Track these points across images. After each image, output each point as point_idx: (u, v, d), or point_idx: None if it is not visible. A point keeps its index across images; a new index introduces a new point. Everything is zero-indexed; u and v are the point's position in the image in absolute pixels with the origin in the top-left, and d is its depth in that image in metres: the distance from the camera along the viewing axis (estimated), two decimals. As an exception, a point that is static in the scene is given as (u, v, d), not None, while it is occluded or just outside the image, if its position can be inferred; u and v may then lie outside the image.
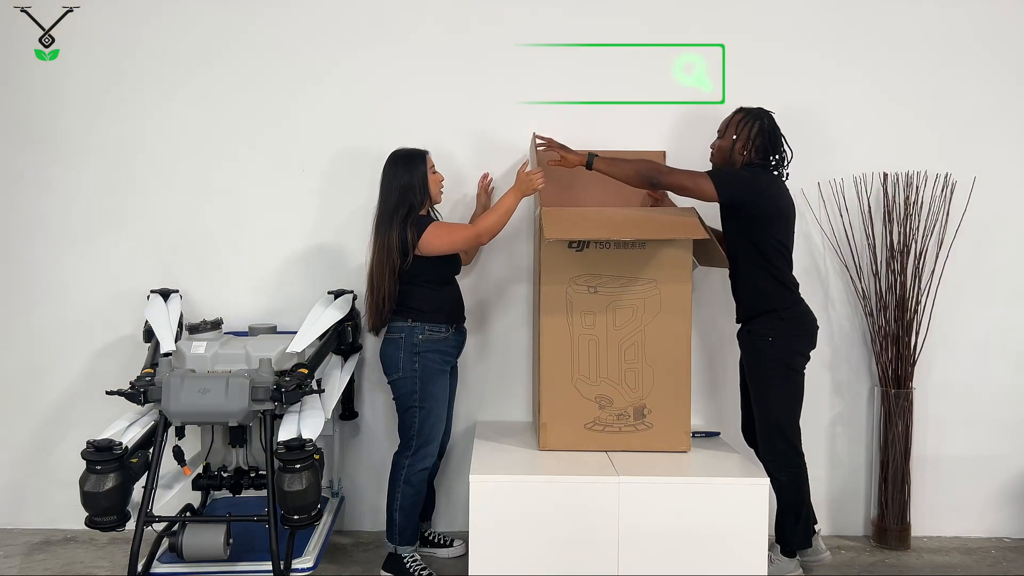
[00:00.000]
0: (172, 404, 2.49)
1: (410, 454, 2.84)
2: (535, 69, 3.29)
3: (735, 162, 2.83)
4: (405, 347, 2.80)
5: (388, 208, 2.80)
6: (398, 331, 2.82)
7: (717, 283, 3.33)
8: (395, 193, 2.79)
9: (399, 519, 2.84)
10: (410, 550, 2.88)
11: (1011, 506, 3.37)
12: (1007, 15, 3.30)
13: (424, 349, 2.80)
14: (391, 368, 2.83)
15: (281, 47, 3.30)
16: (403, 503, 2.83)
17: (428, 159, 2.87)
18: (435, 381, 2.83)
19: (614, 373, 2.82)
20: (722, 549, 2.58)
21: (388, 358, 2.84)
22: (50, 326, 3.35)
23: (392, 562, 2.87)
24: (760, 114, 2.84)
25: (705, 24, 3.29)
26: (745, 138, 2.81)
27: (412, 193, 2.79)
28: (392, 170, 2.84)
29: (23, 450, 3.37)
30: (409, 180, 2.80)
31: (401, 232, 2.74)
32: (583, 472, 2.62)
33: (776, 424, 2.78)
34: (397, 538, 2.85)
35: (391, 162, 2.85)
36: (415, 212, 2.79)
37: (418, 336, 2.80)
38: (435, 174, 2.90)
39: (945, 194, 3.26)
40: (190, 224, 3.33)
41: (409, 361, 2.80)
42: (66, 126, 3.32)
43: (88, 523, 2.43)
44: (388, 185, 2.82)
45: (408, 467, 2.84)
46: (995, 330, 3.35)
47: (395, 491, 2.85)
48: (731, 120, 2.87)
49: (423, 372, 2.80)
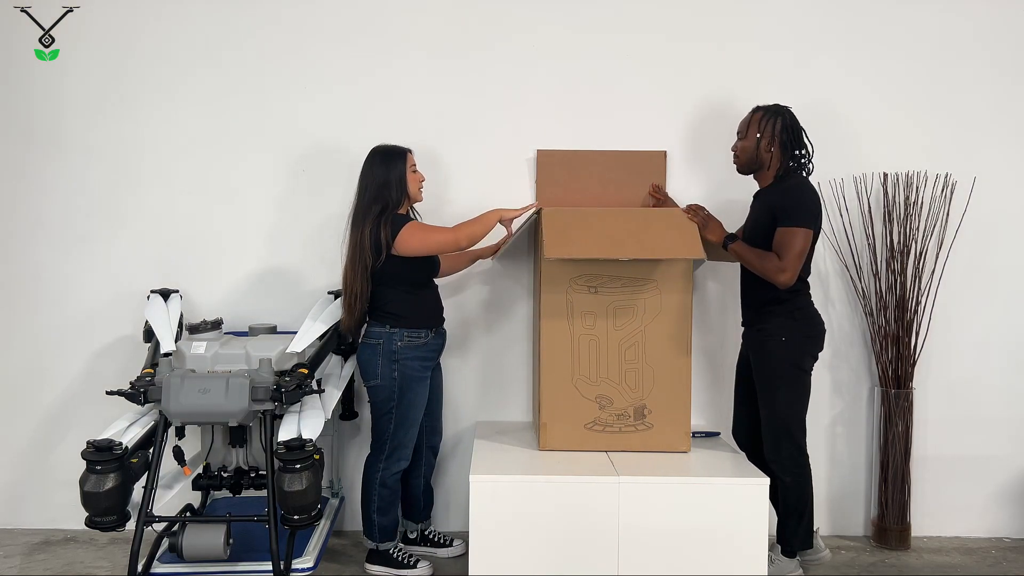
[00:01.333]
0: (172, 404, 2.49)
1: (383, 458, 2.86)
2: (536, 69, 3.30)
3: (762, 161, 2.80)
4: (384, 353, 2.79)
5: (363, 205, 2.78)
6: (376, 336, 2.81)
7: (717, 283, 3.33)
8: (371, 190, 2.78)
9: (378, 519, 2.89)
10: (393, 544, 2.93)
11: (1011, 506, 3.37)
12: (1007, 16, 3.30)
13: (403, 356, 2.80)
14: (369, 374, 2.83)
15: (281, 46, 3.30)
16: (380, 504, 2.87)
17: (409, 157, 2.85)
18: (413, 388, 2.83)
19: (614, 373, 2.82)
20: (722, 549, 2.58)
21: (366, 364, 2.83)
22: (50, 326, 3.35)
23: (376, 556, 2.93)
24: (780, 110, 2.81)
25: (706, 24, 3.29)
26: (770, 135, 2.78)
27: (388, 190, 2.77)
28: (370, 167, 2.82)
29: (23, 450, 3.37)
30: (386, 177, 2.78)
31: (375, 230, 2.72)
32: (583, 472, 2.62)
33: (783, 425, 2.78)
34: (378, 536, 2.90)
35: (369, 158, 2.83)
36: (390, 210, 2.76)
37: (396, 343, 2.79)
38: (415, 173, 2.87)
39: (945, 194, 3.26)
40: (190, 224, 3.33)
41: (388, 368, 2.79)
42: (66, 126, 3.32)
43: (88, 523, 2.43)
44: (365, 181, 2.81)
45: (383, 471, 2.86)
46: (995, 330, 3.35)
47: (371, 494, 2.87)
48: (751, 119, 2.84)
49: (402, 379, 2.80)
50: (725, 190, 3.21)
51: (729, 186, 3.15)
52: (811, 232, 2.71)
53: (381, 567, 2.92)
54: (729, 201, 3.19)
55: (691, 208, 2.85)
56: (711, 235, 2.79)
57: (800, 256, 2.68)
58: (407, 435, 2.86)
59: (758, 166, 2.83)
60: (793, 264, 2.67)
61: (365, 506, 2.90)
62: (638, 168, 3.23)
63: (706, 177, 3.28)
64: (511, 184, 3.28)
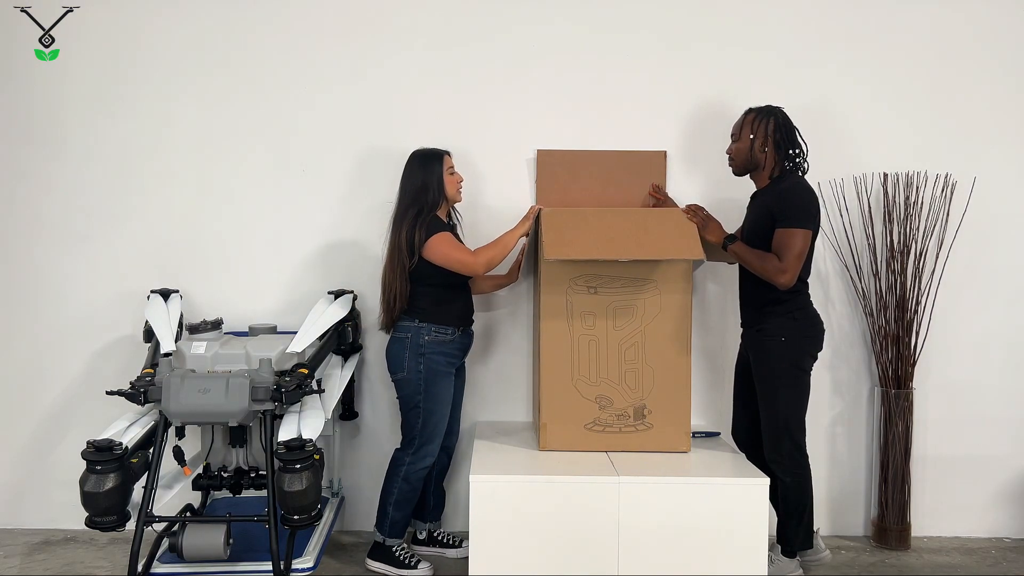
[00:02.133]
0: (172, 404, 2.49)
1: (411, 452, 2.87)
2: (536, 70, 3.30)
3: (757, 162, 2.81)
4: (411, 347, 2.82)
5: (402, 208, 2.85)
6: (405, 331, 2.85)
7: (717, 284, 3.33)
8: (410, 193, 2.85)
9: (392, 512, 2.89)
10: (399, 542, 2.92)
11: (1011, 506, 3.37)
12: (1007, 16, 3.30)
13: (429, 350, 2.83)
14: (396, 366, 2.86)
15: (281, 46, 3.30)
16: (399, 498, 2.88)
17: (446, 159, 2.90)
18: (438, 382, 2.85)
19: (614, 373, 2.82)
20: (722, 549, 2.58)
21: (394, 356, 2.86)
22: (51, 326, 3.35)
23: (379, 551, 2.92)
24: (771, 110, 2.83)
25: (706, 25, 3.29)
26: (763, 135, 2.79)
27: (425, 194, 2.83)
28: (409, 170, 2.88)
29: (23, 450, 3.37)
30: (424, 181, 2.84)
31: (410, 232, 2.78)
32: (583, 472, 2.62)
33: (783, 425, 2.78)
34: (388, 530, 2.90)
35: (409, 162, 2.90)
36: (427, 213, 2.81)
37: (424, 337, 2.82)
38: (453, 174, 2.92)
39: (945, 194, 3.26)
40: (190, 224, 3.33)
41: (414, 361, 2.82)
42: (66, 126, 3.32)
43: (88, 523, 2.43)
44: (404, 185, 2.88)
45: (408, 465, 2.87)
46: (995, 330, 3.35)
47: (392, 486, 2.88)
48: (744, 121, 2.85)
49: (427, 373, 2.82)
50: (725, 190, 3.21)
51: (729, 186, 3.15)
52: (810, 233, 2.71)
53: (382, 564, 2.92)
54: (729, 201, 3.18)
55: (690, 208, 2.85)
56: (710, 236, 2.80)
57: (800, 257, 2.68)
58: (436, 429, 2.88)
59: (753, 167, 2.84)
60: (793, 265, 2.67)
61: (383, 497, 2.91)
62: (638, 168, 3.23)
63: (706, 177, 3.28)
64: (511, 184, 3.29)
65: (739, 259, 2.79)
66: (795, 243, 2.67)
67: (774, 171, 2.81)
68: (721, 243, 2.79)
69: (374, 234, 3.24)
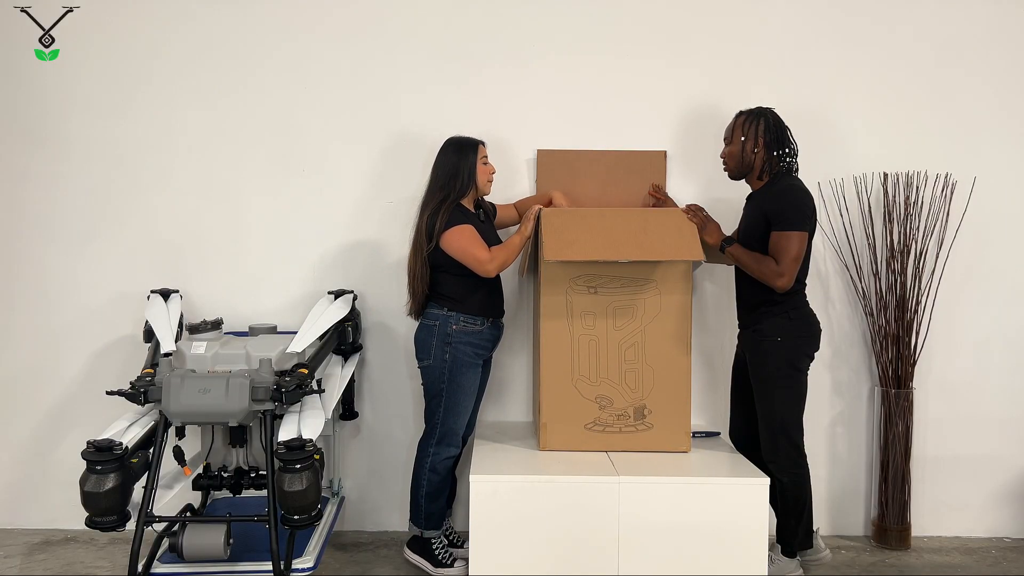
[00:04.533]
0: (172, 404, 2.49)
1: (434, 441, 2.87)
2: (536, 70, 3.30)
3: (750, 164, 2.82)
4: (438, 335, 2.82)
5: (430, 193, 2.85)
6: (433, 318, 2.84)
7: (717, 283, 3.33)
8: (440, 178, 2.84)
9: (426, 505, 2.88)
10: (437, 534, 2.92)
11: (1011, 506, 3.37)
12: (1007, 16, 3.30)
13: (457, 340, 2.82)
14: (422, 353, 2.86)
15: (281, 46, 3.30)
16: (429, 490, 2.88)
17: (480, 149, 2.89)
18: (464, 373, 2.84)
19: (614, 373, 2.82)
20: (722, 549, 2.58)
21: (421, 343, 2.86)
22: (50, 326, 3.34)
23: (418, 544, 2.92)
24: (762, 111, 2.84)
25: (707, 25, 3.29)
26: (754, 137, 2.80)
27: (456, 180, 2.82)
28: (443, 156, 2.87)
29: (23, 450, 3.37)
30: (456, 167, 2.83)
31: (432, 218, 2.77)
32: (583, 472, 2.62)
33: (780, 425, 2.78)
34: (423, 523, 2.90)
35: (443, 148, 2.88)
36: (452, 199, 2.80)
37: (452, 326, 2.82)
38: (486, 165, 2.91)
39: (945, 194, 3.26)
40: (190, 224, 3.33)
41: (440, 349, 2.81)
42: (66, 126, 3.32)
43: (88, 523, 2.43)
44: (436, 171, 2.87)
45: (433, 455, 2.87)
46: (995, 330, 3.35)
47: (420, 478, 2.88)
48: (735, 124, 2.86)
49: (453, 362, 2.81)
50: (724, 190, 3.20)
51: (728, 186, 3.13)
52: (805, 234, 2.71)
53: (419, 557, 2.92)
54: (728, 201, 3.18)
55: (690, 208, 2.85)
56: (709, 237, 2.80)
57: (796, 260, 2.69)
58: (457, 421, 2.87)
59: (747, 169, 2.85)
60: (790, 268, 2.67)
61: (414, 491, 2.90)
62: (638, 168, 3.23)
63: (705, 177, 3.28)
64: (511, 184, 3.28)
65: (736, 262, 2.80)
66: (791, 246, 2.67)
67: (767, 172, 2.82)
68: (719, 245, 2.80)
69: (375, 234, 3.24)
